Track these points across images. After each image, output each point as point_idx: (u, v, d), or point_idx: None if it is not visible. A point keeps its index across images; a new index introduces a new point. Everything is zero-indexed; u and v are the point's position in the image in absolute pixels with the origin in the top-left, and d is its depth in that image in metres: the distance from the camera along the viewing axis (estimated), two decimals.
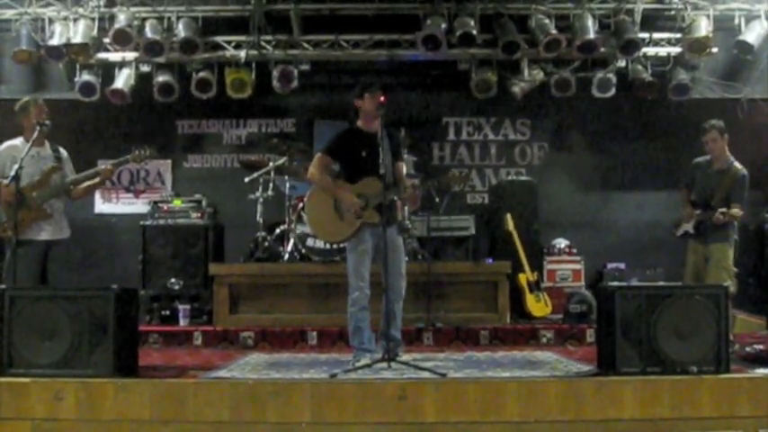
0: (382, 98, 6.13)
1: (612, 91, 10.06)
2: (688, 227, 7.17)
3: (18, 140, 6.53)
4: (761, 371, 5.49)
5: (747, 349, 6.22)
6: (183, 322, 8.38)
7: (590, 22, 9.63)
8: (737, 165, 7.11)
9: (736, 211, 6.88)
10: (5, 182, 6.13)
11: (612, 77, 10.03)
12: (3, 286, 5.53)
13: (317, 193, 6.56)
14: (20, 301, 5.27)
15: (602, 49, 9.81)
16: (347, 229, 6.25)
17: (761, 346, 6.18)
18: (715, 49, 9.85)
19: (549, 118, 10.76)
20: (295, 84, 9.96)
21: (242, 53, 9.90)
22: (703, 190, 7.15)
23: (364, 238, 6.24)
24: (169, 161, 10.59)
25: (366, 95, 6.29)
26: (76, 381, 5.03)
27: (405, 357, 6.10)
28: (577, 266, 9.62)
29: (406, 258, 8.27)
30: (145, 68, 10.05)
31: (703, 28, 9.70)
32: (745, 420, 4.93)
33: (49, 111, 6.61)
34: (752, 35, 9.81)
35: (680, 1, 9.86)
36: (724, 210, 6.86)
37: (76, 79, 9.92)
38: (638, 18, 9.81)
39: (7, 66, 10.19)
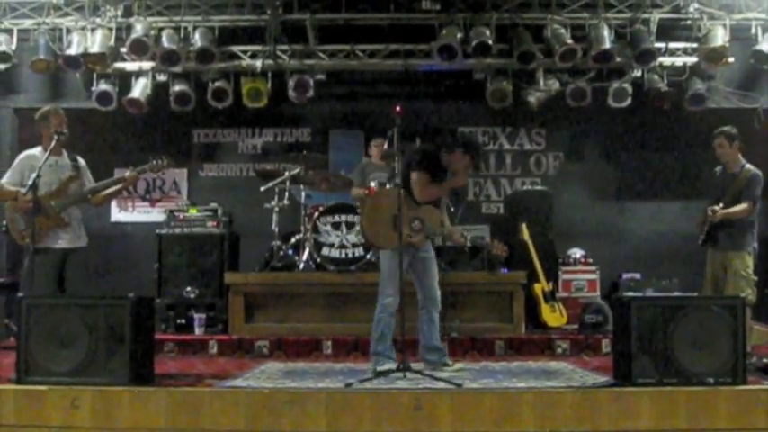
0: (398, 108, 6.14)
1: (628, 101, 10.05)
2: (702, 234, 7.17)
3: (37, 150, 6.57)
4: None
5: (765, 360, 6.17)
6: (198, 331, 8.40)
7: (606, 32, 9.63)
8: (749, 166, 7.11)
9: (742, 207, 6.88)
10: (23, 190, 6.16)
11: (628, 87, 10.02)
12: (20, 294, 5.57)
13: (383, 197, 6.46)
14: (37, 309, 5.29)
15: (618, 59, 9.81)
16: (395, 242, 6.19)
17: None
18: (731, 59, 9.83)
19: (565, 128, 10.76)
20: (311, 93, 10.02)
21: (258, 63, 9.96)
22: (717, 195, 7.13)
23: (405, 250, 6.26)
24: (185, 170, 10.65)
25: (457, 153, 6.35)
26: (93, 389, 5.04)
27: (419, 367, 6.11)
28: (593, 276, 9.57)
29: None
30: (161, 78, 10.13)
31: (720, 38, 9.68)
32: None
33: (67, 120, 6.66)
34: None
35: (696, 11, 9.86)
36: (714, 207, 6.91)
37: (94, 88, 10.02)
38: (654, 28, 9.82)
39: (25, 75, 10.29)
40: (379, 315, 6.26)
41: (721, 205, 6.96)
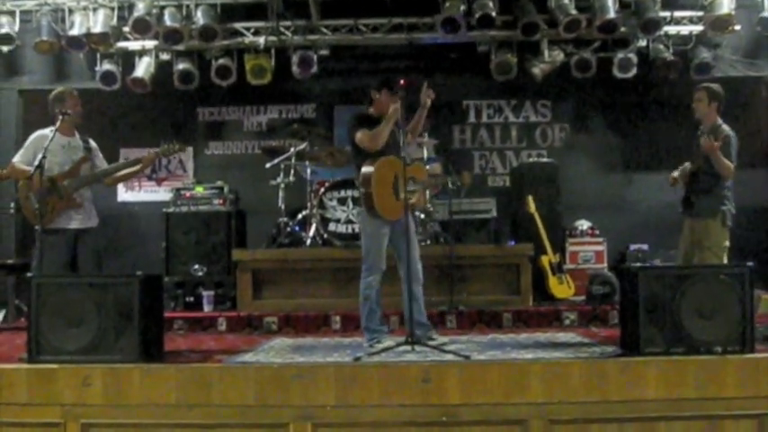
0: (402, 81, 6.11)
1: (634, 71, 9.99)
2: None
3: (48, 130, 6.57)
4: None
5: None
6: (207, 308, 8.46)
7: (610, 2, 9.53)
8: (725, 126, 6.79)
9: (729, 164, 6.58)
10: (30, 170, 6.15)
11: (633, 57, 9.96)
12: (30, 274, 5.60)
13: (381, 169, 6.26)
14: (47, 289, 5.32)
15: (623, 29, 9.74)
16: (400, 209, 6.21)
17: None
18: (738, 27, 9.75)
19: (570, 99, 10.73)
20: (314, 69, 9.99)
21: (261, 39, 9.92)
22: (693, 153, 7.00)
23: (386, 221, 6.25)
24: (190, 149, 10.61)
25: (384, 91, 6.31)
26: (103, 366, 5.08)
27: (437, 340, 6.14)
28: (600, 248, 9.58)
29: (429, 242, 8.34)
30: (165, 56, 10.13)
31: (725, 5, 9.58)
32: None
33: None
34: None
35: None
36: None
37: (97, 68, 10.02)
38: None
39: (29, 56, 10.26)
40: (365, 292, 6.27)
41: (687, 164, 6.88)
